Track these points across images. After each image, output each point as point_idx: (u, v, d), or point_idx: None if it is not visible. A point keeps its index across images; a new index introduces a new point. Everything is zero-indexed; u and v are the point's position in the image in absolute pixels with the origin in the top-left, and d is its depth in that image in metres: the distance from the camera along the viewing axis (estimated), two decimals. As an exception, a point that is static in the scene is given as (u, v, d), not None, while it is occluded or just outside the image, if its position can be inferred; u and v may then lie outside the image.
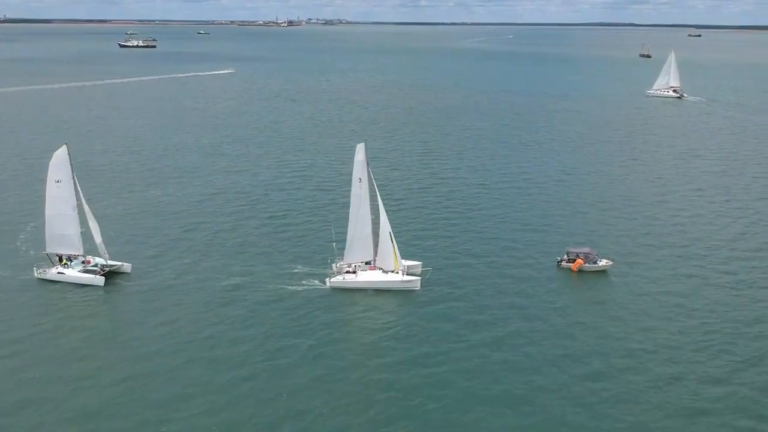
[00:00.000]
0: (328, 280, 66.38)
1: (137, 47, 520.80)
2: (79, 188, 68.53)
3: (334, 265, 68.22)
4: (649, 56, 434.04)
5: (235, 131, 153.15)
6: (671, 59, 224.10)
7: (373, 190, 66.37)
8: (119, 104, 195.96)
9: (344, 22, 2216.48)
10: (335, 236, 71.81)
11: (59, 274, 67.83)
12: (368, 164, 66.26)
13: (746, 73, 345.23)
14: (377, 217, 66.52)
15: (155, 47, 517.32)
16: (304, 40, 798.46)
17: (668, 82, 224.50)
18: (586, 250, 72.05)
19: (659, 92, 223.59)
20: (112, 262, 69.03)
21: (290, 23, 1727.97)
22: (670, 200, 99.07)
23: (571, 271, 70.49)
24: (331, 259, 68.92)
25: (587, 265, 70.35)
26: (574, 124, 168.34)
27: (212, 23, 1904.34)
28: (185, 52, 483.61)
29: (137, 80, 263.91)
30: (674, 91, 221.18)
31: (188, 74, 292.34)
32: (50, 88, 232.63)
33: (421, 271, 67.91)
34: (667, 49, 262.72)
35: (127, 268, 69.24)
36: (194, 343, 55.34)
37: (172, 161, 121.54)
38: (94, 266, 68.49)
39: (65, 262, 69.38)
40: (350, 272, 67.29)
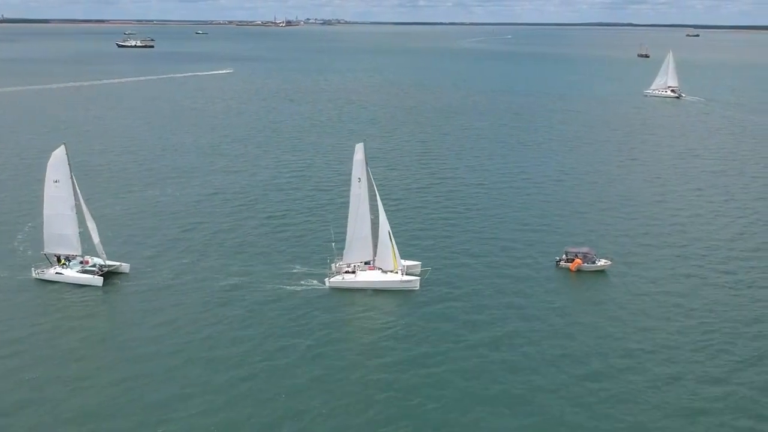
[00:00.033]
0: (327, 280, 66.31)
1: (135, 47, 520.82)
2: (77, 188, 68.43)
3: (333, 265, 68.14)
4: (647, 56, 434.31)
5: (233, 131, 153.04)
6: (669, 59, 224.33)
7: (372, 189, 66.27)
8: (117, 104, 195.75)
9: (342, 22, 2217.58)
10: (334, 236, 71.89)
11: (57, 274, 67.72)
12: (367, 164, 66.22)
13: (744, 73, 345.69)
14: (376, 217, 66.41)
15: (153, 47, 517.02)
16: (302, 40, 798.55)
17: (666, 82, 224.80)
18: (584, 249, 72.02)
19: (657, 92, 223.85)
20: (110, 262, 68.94)
21: (288, 23, 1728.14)
22: (668, 200, 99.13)
23: (569, 270, 70.47)
24: (330, 259, 68.86)
25: (586, 264, 70.34)
26: (572, 123, 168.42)
27: (210, 23, 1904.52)
28: (183, 52, 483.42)
29: (135, 80, 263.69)
30: (672, 90, 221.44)
31: (186, 74, 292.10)
32: (48, 88, 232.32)
33: (420, 271, 67.87)
34: (665, 49, 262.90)
35: (125, 268, 69.15)
36: (193, 343, 55.29)
37: (170, 161, 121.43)
38: (92, 266, 68.40)
39: (63, 262, 69.26)
40: (349, 272, 67.20)
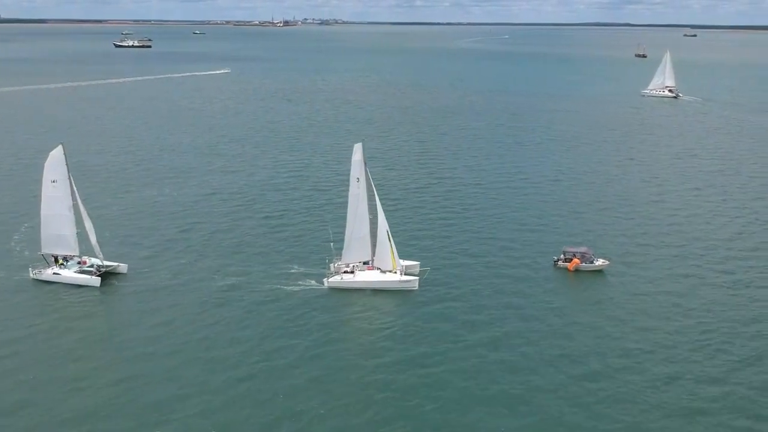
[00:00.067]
0: (325, 280, 66.18)
1: (133, 47, 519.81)
2: (74, 188, 68.21)
3: (331, 265, 68.04)
4: (644, 56, 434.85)
5: (231, 131, 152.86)
6: (666, 59, 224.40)
7: (370, 189, 66.17)
8: (115, 104, 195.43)
9: (340, 22, 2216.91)
10: (333, 236, 71.79)
11: (55, 274, 67.50)
12: (366, 164, 66.14)
13: (742, 72, 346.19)
14: (375, 216, 66.31)
15: (151, 47, 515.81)
16: (299, 40, 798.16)
17: (663, 82, 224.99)
18: (582, 249, 72.00)
19: (655, 92, 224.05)
20: (108, 262, 68.77)
21: (286, 23, 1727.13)
22: (666, 200, 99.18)
23: (567, 270, 70.45)
24: (328, 259, 68.77)
25: (584, 264, 70.32)
26: (570, 123, 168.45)
27: (208, 23, 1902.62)
28: (181, 52, 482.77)
29: (133, 80, 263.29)
30: (670, 90, 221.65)
31: (184, 74, 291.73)
32: (46, 88, 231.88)
33: (419, 271, 67.80)
34: (662, 49, 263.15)
35: (123, 268, 68.98)
36: (191, 343, 55.15)
37: (168, 161, 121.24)
38: (90, 267, 68.26)
39: (61, 262, 69.05)
40: (348, 272, 67.10)
